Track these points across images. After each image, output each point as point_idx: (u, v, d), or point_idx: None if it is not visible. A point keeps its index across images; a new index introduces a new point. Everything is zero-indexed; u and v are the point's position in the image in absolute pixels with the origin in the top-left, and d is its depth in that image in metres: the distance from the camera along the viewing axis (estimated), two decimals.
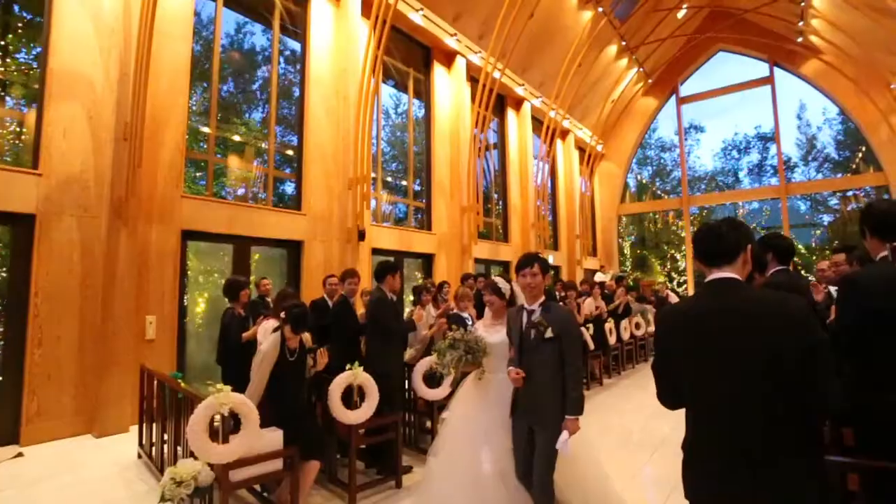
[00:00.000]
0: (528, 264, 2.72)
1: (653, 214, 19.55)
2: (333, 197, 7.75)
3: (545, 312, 2.60)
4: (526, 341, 2.63)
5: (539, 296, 2.68)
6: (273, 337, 3.14)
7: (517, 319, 2.71)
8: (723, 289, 1.59)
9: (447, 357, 2.93)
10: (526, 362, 2.60)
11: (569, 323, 2.60)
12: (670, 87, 17.11)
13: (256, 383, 3.00)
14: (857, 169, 15.49)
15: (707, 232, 1.71)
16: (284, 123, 7.79)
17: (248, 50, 7.58)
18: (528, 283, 2.69)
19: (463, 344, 2.92)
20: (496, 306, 3.08)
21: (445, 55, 10.68)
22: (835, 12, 11.76)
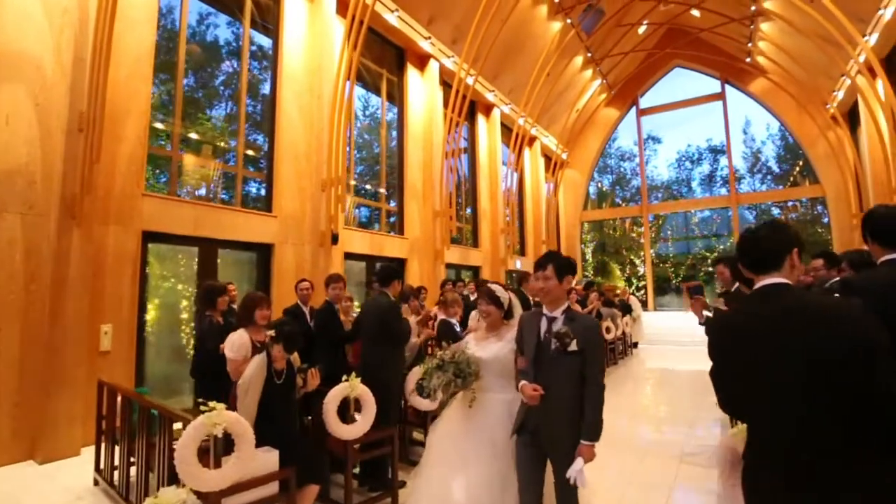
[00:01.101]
0: (541, 266, 2.39)
1: (613, 221, 20.16)
2: (306, 198, 7.41)
3: (569, 321, 2.27)
4: (544, 353, 2.28)
5: (560, 301, 2.34)
6: (257, 360, 2.87)
7: (533, 326, 2.36)
8: (774, 294, 1.53)
9: (433, 381, 2.57)
10: (542, 377, 2.26)
11: (595, 335, 2.29)
12: (631, 99, 17.75)
13: (245, 416, 2.70)
14: (795, 181, 16.61)
15: (747, 238, 1.66)
16: (254, 121, 7.39)
17: (215, 43, 7.14)
18: (541, 289, 2.35)
19: (452, 366, 2.57)
20: (493, 318, 2.71)
21: (419, 58, 10.55)
22: (781, 36, 12.56)
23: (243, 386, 2.76)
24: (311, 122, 7.56)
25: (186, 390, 6.02)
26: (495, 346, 2.66)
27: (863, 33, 9.39)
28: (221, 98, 7.20)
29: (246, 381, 2.77)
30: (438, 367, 2.61)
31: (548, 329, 2.31)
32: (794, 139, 15.49)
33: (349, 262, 8.37)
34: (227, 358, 3.17)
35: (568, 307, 2.34)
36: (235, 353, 3.12)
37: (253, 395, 2.74)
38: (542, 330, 2.33)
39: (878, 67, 9.15)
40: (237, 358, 3.12)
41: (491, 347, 2.66)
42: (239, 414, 2.56)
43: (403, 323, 3.88)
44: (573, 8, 12.51)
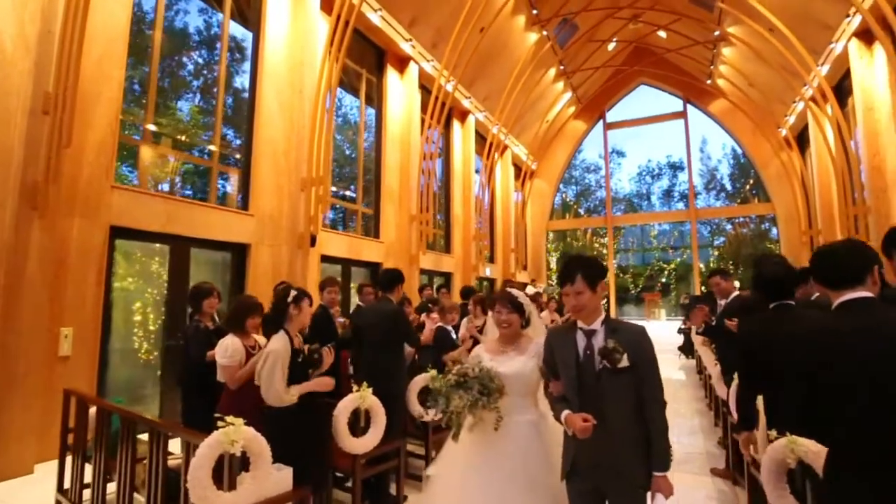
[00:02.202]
0: (568, 278, 1.98)
1: (575, 231, 20.68)
2: (284, 197, 7.09)
3: (613, 333, 1.92)
4: (587, 374, 1.92)
5: (597, 312, 1.99)
6: (280, 336, 2.68)
7: (568, 344, 1.99)
8: (862, 308, 1.52)
9: (455, 402, 2.13)
10: (589, 403, 1.88)
11: (647, 343, 1.93)
12: (598, 112, 18.30)
13: (276, 389, 2.55)
14: (745, 199, 17.65)
15: (827, 255, 1.66)
16: (231, 115, 7.01)
17: (192, 32, 6.73)
18: (573, 306, 1.97)
19: (476, 382, 2.15)
20: (514, 328, 2.33)
21: (399, 60, 10.41)
22: (741, 61, 13.33)
23: (268, 361, 2.57)
24: (292, 118, 7.26)
25: (149, 398, 5.59)
26: (517, 360, 2.28)
27: (816, 63, 10.07)
28: (197, 89, 6.79)
29: (272, 354, 2.59)
30: (459, 384, 2.17)
31: (588, 345, 1.94)
32: (748, 159, 16.44)
33: (325, 265, 8.07)
34: (219, 365, 2.91)
35: (607, 317, 2.00)
36: (229, 359, 2.88)
37: (281, 368, 2.59)
38: (580, 347, 1.96)
39: (829, 94, 9.84)
40: (232, 364, 2.88)
41: (512, 362, 2.27)
42: (266, 388, 2.53)
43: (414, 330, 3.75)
44: (550, 21, 12.77)
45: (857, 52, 9.47)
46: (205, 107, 6.75)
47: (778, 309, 2.41)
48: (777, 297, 2.44)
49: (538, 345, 2.29)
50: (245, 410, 2.71)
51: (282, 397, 2.58)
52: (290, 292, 2.74)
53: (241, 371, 2.89)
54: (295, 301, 2.73)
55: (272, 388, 2.56)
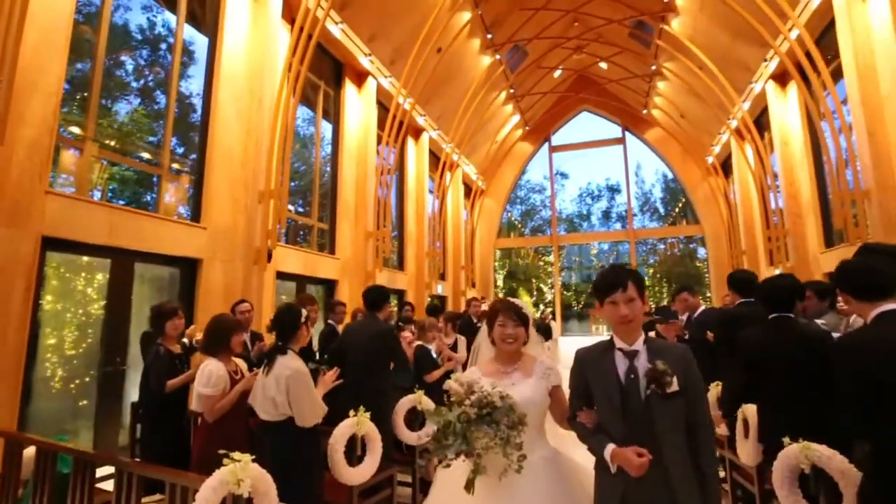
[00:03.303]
0: (619, 285, 1.71)
1: (519, 250, 21.23)
2: (239, 210, 6.66)
3: (656, 354, 1.69)
4: (632, 401, 1.67)
5: (639, 331, 1.75)
6: (293, 356, 2.50)
7: (606, 367, 1.74)
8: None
9: (482, 441, 1.72)
10: (634, 434, 1.64)
11: (693, 365, 1.70)
12: (544, 135, 19.05)
13: (320, 404, 2.44)
14: (675, 221, 19.00)
15: (859, 268, 1.75)
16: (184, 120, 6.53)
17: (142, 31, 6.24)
18: (623, 316, 1.70)
19: (503, 415, 1.76)
20: (519, 344, 2.02)
21: (357, 74, 10.28)
22: (673, 93, 14.46)
23: (303, 376, 2.42)
24: (250, 126, 6.89)
25: (81, 432, 4.94)
26: (525, 384, 1.95)
27: (739, 99, 11.13)
28: (145, 91, 6.26)
29: (300, 373, 2.42)
30: (482, 417, 1.74)
31: (630, 368, 1.71)
32: (679, 183, 17.73)
33: (281, 282, 7.64)
34: (198, 395, 2.59)
35: (647, 336, 1.78)
36: (213, 388, 2.57)
37: (312, 385, 2.46)
38: (620, 370, 1.72)
39: (752, 127, 10.88)
40: (215, 394, 2.58)
41: (521, 387, 1.93)
42: (302, 407, 2.39)
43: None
44: (503, 46, 13.20)
45: (774, 92, 10.57)
46: (153, 110, 6.24)
47: (778, 320, 2.53)
48: (778, 309, 2.56)
49: (544, 364, 2.03)
50: (230, 443, 2.44)
51: (323, 411, 2.47)
52: (302, 312, 2.54)
53: (223, 401, 2.59)
54: (306, 321, 2.54)
55: (316, 405, 2.42)
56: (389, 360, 3.77)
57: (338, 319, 4.64)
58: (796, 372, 2.33)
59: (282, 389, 2.38)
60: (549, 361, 2.06)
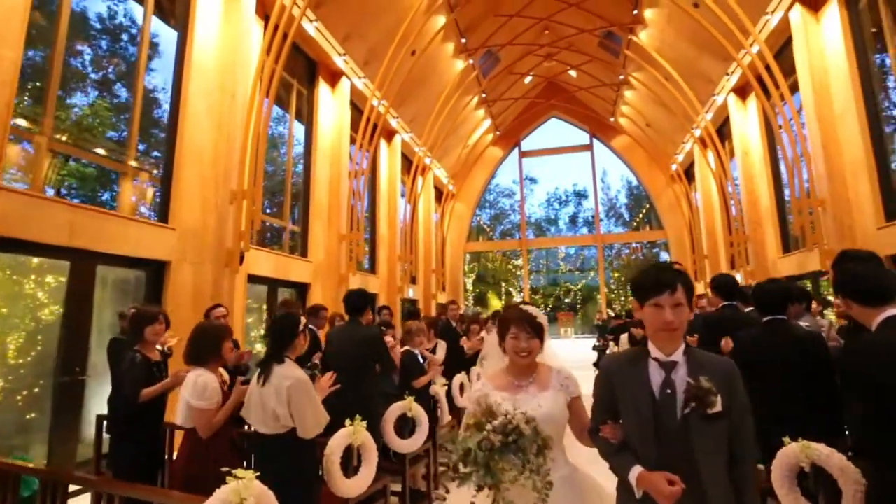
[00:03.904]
0: (668, 286, 1.50)
1: (488, 254, 21.40)
2: (210, 210, 6.37)
3: (698, 367, 1.48)
4: (667, 419, 1.47)
5: (680, 340, 1.54)
6: (292, 365, 2.38)
7: (638, 379, 1.54)
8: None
9: (510, 473, 1.53)
10: (667, 458, 1.44)
11: (738, 382, 1.50)
12: (514, 141, 19.29)
13: (323, 415, 2.32)
14: (638, 227, 19.63)
15: (862, 274, 1.81)
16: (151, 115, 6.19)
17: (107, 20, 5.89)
18: (668, 322, 1.48)
19: (531, 442, 1.57)
20: (534, 356, 1.84)
21: (331, 74, 10.08)
22: (640, 103, 14.95)
23: (304, 391, 2.31)
24: (221, 123, 6.62)
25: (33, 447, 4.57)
26: (543, 398, 1.76)
27: (703, 110, 11.61)
28: (108, 83, 5.90)
29: (301, 382, 2.31)
30: (508, 445, 1.54)
31: (666, 381, 1.49)
32: (643, 190, 18.31)
33: (252, 286, 7.36)
34: (192, 409, 2.42)
35: (687, 346, 1.55)
36: (208, 400, 2.41)
37: (313, 393, 2.34)
38: (654, 384, 1.51)
39: (715, 137, 11.36)
40: (211, 407, 2.42)
41: (538, 401, 1.74)
42: (305, 418, 2.29)
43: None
44: (476, 51, 13.28)
45: (735, 105, 11.09)
46: (117, 103, 5.89)
47: (772, 323, 2.60)
48: (772, 312, 2.64)
49: (561, 374, 1.86)
50: (219, 458, 2.30)
51: (323, 422, 2.35)
52: (301, 320, 2.41)
53: (219, 416, 2.44)
54: (303, 331, 2.42)
55: (320, 416, 2.31)
56: (375, 366, 3.69)
57: (319, 325, 4.48)
58: (792, 373, 2.40)
59: (283, 401, 2.25)
60: (566, 370, 1.87)
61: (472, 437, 1.57)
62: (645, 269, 1.61)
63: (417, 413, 3.55)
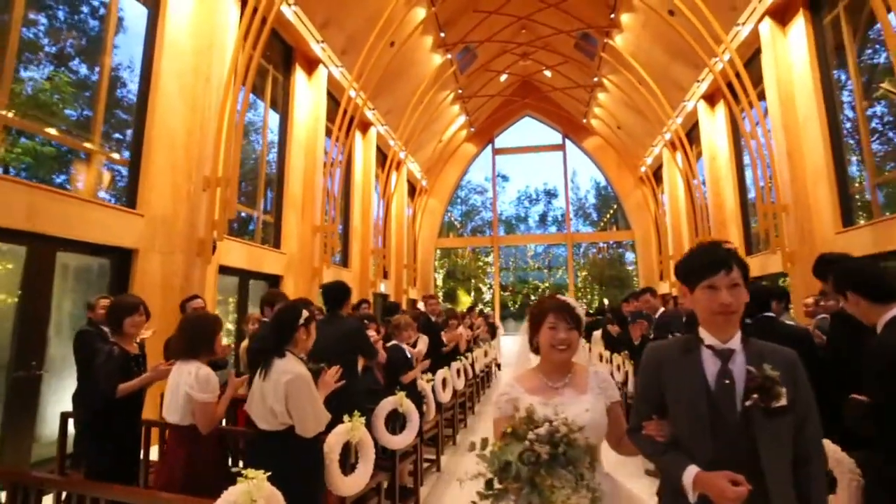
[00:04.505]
0: (723, 265, 1.37)
1: (458, 250, 21.45)
2: (181, 197, 6.06)
3: (757, 358, 1.35)
4: (725, 414, 1.33)
5: (737, 325, 1.41)
6: (293, 359, 2.26)
7: (690, 368, 1.40)
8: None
9: (562, 492, 1.31)
10: (732, 457, 1.30)
11: (802, 373, 1.36)
12: (488, 138, 19.35)
13: (324, 413, 2.23)
14: (605, 227, 20.12)
15: (879, 273, 1.87)
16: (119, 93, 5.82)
17: None
18: (726, 305, 1.35)
19: (583, 453, 1.38)
20: (572, 351, 1.64)
21: (308, 61, 9.79)
22: (612, 105, 15.29)
23: (304, 381, 2.20)
24: (195, 106, 6.30)
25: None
26: (582, 402, 1.57)
27: (673, 115, 11.98)
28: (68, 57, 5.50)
29: (305, 375, 2.21)
30: (555, 457, 1.34)
31: (722, 371, 1.36)
32: (612, 191, 18.76)
33: (223, 277, 7.07)
34: (197, 403, 2.28)
35: (744, 333, 1.43)
36: (212, 393, 2.30)
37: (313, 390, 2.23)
38: (708, 373, 1.37)
39: (685, 141, 11.75)
40: (213, 399, 2.30)
41: (577, 406, 1.55)
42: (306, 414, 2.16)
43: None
44: (455, 46, 13.21)
45: (704, 111, 11.49)
46: (81, 79, 5.50)
47: (762, 320, 2.69)
48: (759, 310, 2.72)
49: (599, 376, 1.67)
50: (218, 457, 2.19)
51: (326, 419, 2.24)
52: (303, 312, 2.29)
53: (219, 408, 2.33)
54: (307, 323, 2.29)
55: (320, 414, 2.19)
56: (356, 360, 3.60)
57: None
58: None
59: (280, 397, 2.14)
60: (602, 371, 1.70)
61: (510, 448, 1.34)
62: (693, 250, 1.48)
63: (408, 408, 3.49)
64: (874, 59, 7.08)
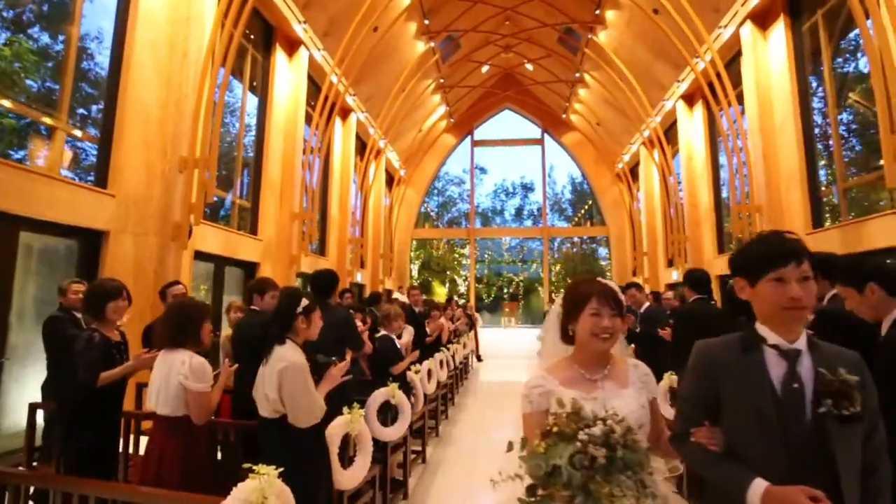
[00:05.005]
0: (794, 256, 1.24)
1: (433, 241, 21.40)
2: (155, 178, 5.77)
3: (823, 360, 1.25)
4: (795, 422, 1.21)
5: (803, 323, 1.30)
6: (293, 347, 2.19)
7: (751, 370, 1.27)
8: None
9: (624, 501, 1.14)
10: (805, 470, 1.17)
11: (867, 376, 1.26)
12: (467, 129, 19.27)
13: (319, 404, 2.14)
14: (580, 222, 20.43)
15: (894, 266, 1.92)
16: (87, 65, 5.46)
17: None
18: (797, 300, 1.22)
19: (643, 457, 1.24)
20: (614, 341, 1.48)
21: (289, 42, 9.47)
22: (593, 101, 15.44)
23: (299, 370, 2.12)
24: (170, 81, 5.98)
25: None
26: (625, 398, 1.43)
27: (652, 113, 12.19)
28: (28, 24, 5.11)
29: (295, 368, 2.11)
30: (612, 461, 1.18)
31: (789, 373, 1.24)
32: (589, 186, 19.02)
33: (199, 263, 6.79)
34: (194, 392, 2.16)
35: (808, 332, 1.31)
36: (207, 382, 2.19)
37: (310, 381, 2.16)
38: (773, 376, 1.25)
39: (664, 140, 11.99)
40: (208, 389, 2.18)
41: (621, 402, 1.39)
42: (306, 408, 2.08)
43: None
44: (439, 34, 13.03)
45: (683, 111, 11.74)
46: (43, 47, 5.13)
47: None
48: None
49: (639, 368, 1.54)
50: (210, 451, 2.08)
51: (322, 411, 2.15)
52: (301, 301, 2.19)
53: (213, 396, 2.21)
54: (306, 313, 2.19)
55: (315, 403, 2.09)
56: (343, 350, 3.52)
57: None
58: None
59: (274, 384, 2.08)
60: (642, 364, 1.55)
61: (556, 450, 1.18)
62: (755, 240, 1.34)
63: (401, 400, 3.43)
64: (844, 68, 7.36)
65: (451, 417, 6.78)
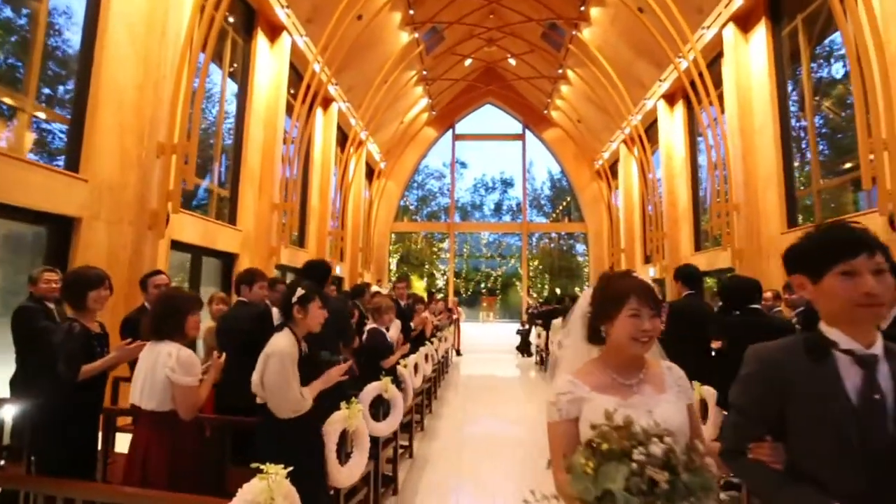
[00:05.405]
0: (865, 246, 1.11)
1: (412, 235, 21.30)
2: (130, 163, 5.50)
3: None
4: (877, 438, 1.07)
5: (879, 322, 1.18)
6: (286, 334, 2.15)
7: (823, 380, 1.13)
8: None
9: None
10: (878, 489, 1.06)
11: None
12: (448, 123, 19.16)
13: (295, 394, 2.06)
14: (558, 218, 20.64)
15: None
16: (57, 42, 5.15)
17: None
18: (873, 297, 1.08)
19: (705, 480, 1.06)
20: (652, 344, 1.34)
21: (271, 27, 9.18)
22: (575, 98, 15.55)
23: (274, 363, 2.07)
24: (148, 62, 5.71)
25: None
26: (664, 405, 1.29)
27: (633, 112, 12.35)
28: None
29: (276, 355, 2.08)
30: (674, 485, 1.03)
31: (868, 383, 1.10)
32: (567, 183, 19.20)
33: (175, 252, 6.54)
34: (182, 387, 2.04)
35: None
36: (196, 376, 2.08)
37: (293, 369, 2.11)
38: (848, 387, 1.11)
39: (645, 138, 12.16)
40: (196, 383, 2.07)
41: (660, 410, 1.26)
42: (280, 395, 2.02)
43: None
44: (423, 25, 12.87)
45: (664, 110, 11.92)
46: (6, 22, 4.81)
47: (750, 312, 2.78)
48: (745, 303, 2.81)
49: (674, 372, 1.41)
50: (198, 447, 1.99)
51: (300, 404, 2.08)
52: (297, 290, 2.11)
53: (202, 391, 2.10)
54: (301, 302, 2.11)
55: (290, 394, 2.03)
56: (337, 342, 3.44)
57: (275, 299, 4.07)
58: None
59: (259, 368, 2.08)
60: (676, 367, 1.43)
61: (608, 471, 1.03)
62: (817, 231, 1.19)
63: (393, 394, 3.37)
64: (818, 73, 7.59)
65: (435, 411, 6.75)
